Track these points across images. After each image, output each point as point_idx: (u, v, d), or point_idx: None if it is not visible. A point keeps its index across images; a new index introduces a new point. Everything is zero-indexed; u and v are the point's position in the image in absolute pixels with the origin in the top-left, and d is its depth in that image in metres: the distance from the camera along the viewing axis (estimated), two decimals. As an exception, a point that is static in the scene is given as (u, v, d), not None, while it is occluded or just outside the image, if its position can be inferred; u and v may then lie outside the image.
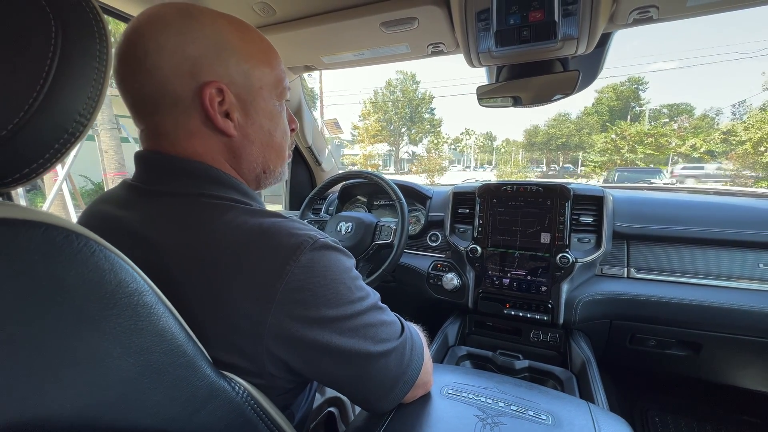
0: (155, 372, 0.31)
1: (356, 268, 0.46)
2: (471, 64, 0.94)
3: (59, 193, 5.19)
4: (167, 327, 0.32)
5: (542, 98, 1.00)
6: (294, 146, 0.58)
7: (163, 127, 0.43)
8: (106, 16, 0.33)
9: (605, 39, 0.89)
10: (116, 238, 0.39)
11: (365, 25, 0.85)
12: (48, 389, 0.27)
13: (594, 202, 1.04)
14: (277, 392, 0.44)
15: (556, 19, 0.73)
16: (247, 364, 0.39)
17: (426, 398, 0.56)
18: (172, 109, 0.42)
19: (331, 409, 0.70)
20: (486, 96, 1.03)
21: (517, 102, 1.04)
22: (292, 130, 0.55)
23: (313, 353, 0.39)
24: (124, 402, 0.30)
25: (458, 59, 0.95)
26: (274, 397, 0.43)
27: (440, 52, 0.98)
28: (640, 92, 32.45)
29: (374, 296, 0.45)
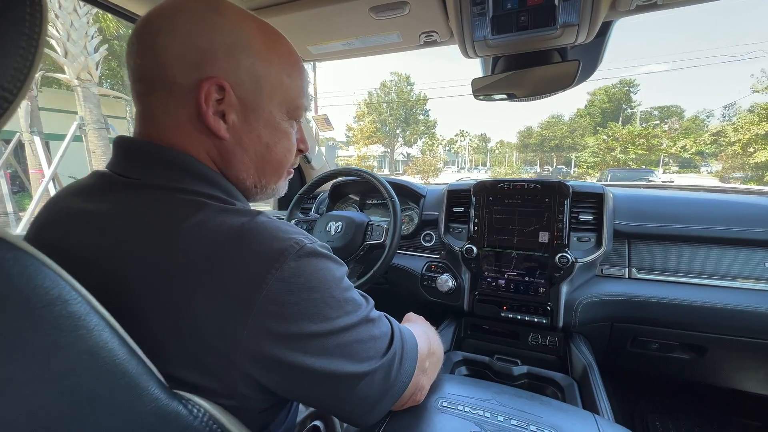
0: (83, 399, 0.25)
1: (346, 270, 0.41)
2: (466, 54, 0.90)
3: (45, 194, 5.07)
4: (101, 343, 0.26)
5: (540, 90, 0.95)
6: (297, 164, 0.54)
7: (152, 110, 0.40)
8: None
9: (606, 28, 0.85)
10: (80, 234, 0.37)
11: (353, 11, 0.80)
12: None
13: (594, 199, 0.99)
14: (253, 413, 0.39)
15: (556, 3, 0.69)
16: (214, 384, 0.34)
17: (419, 412, 0.52)
18: (165, 94, 0.39)
19: (316, 422, 0.65)
20: (481, 89, 0.99)
21: (513, 95, 0.99)
22: (301, 151, 0.51)
23: (290, 373, 0.35)
24: None
25: (453, 59, 0.91)
26: (250, 418, 0.38)
27: (434, 42, 0.93)
28: (631, 94, 32.92)
29: (365, 308, 0.41)
